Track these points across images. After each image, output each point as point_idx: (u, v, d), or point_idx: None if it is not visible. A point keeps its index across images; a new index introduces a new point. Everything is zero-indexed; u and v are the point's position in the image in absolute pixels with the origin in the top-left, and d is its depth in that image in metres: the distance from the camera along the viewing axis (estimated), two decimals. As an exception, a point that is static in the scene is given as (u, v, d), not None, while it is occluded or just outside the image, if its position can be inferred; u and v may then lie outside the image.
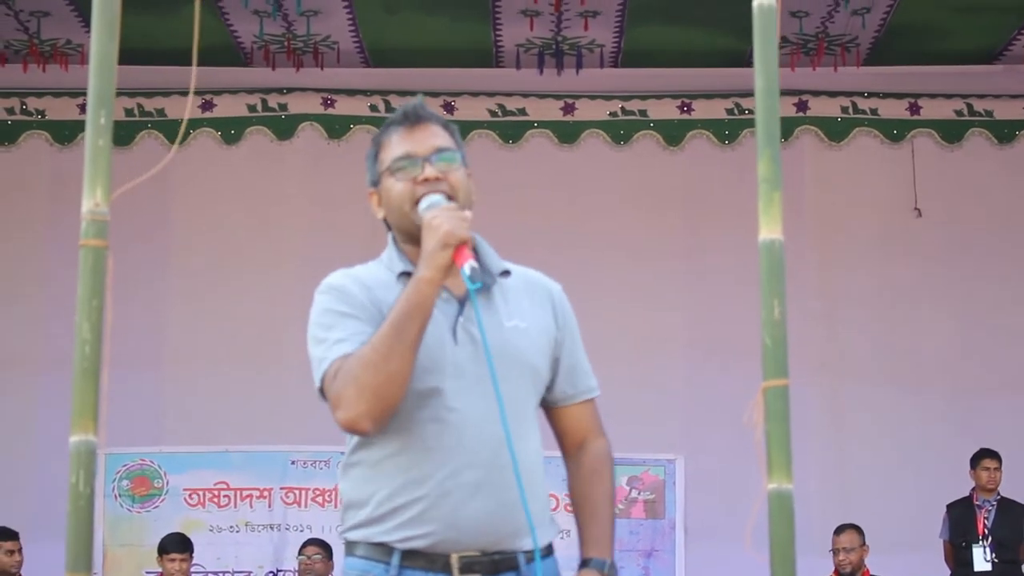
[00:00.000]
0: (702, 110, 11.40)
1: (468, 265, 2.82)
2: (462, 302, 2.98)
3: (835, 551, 9.33)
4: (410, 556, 2.93)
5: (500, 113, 11.34)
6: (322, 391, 2.95)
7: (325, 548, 9.30)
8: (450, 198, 2.97)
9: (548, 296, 3.16)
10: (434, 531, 2.91)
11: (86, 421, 2.24)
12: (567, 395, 3.15)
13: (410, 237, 3.03)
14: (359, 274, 3.09)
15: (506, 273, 3.10)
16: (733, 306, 10.58)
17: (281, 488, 10.09)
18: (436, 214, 2.87)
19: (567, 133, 11.40)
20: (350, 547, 3.03)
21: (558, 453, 3.20)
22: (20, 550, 9.30)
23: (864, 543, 9.34)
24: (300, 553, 9.37)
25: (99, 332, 2.26)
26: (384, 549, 2.95)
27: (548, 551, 3.06)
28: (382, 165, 3.08)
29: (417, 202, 2.98)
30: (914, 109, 11.42)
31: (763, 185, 2.42)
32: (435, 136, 3.06)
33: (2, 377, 11.00)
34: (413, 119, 3.07)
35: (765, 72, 2.44)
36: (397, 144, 3.06)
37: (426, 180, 2.99)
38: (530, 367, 3.03)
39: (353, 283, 3.05)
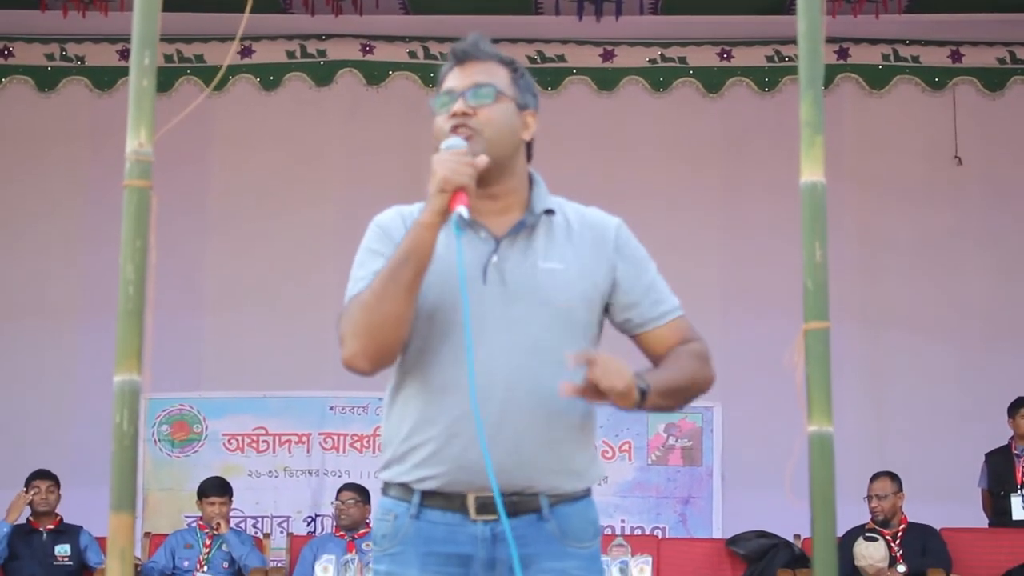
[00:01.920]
0: (742, 57, 11.32)
1: (457, 211, 2.81)
2: (499, 242, 2.97)
3: (869, 498, 9.31)
4: (429, 496, 2.96)
5: (539, 59, 11.27)
6: None
7: (361, 493, 9.32)
8: (468, 138, 2.93)
9: (604, 236, 3.09)
10: (446, 471, 2.92)
11: (130, 361, 2.25)
12: (647, 319, 3.09)
13: None
14: (410, 211, 3.07)
15: (550, 212, 3.06)
16: (770, 253, 10.56)
17: (319, 434, 10.14)
18: (441, 158, 2.86)
19: (606, 80, 11.34)
20: (384, 488, 3.07)
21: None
22: (55, 490, 9.37)
23: (900, 490, 9.30)
24: (336, 498, 9.40)
25: (143, 273, 2.27)
26: (406, 489, 2.98)
27: (583, 495, 3.05)
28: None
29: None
30: (956, 57, 11.31)
31: (805, 128, 2.41)
32: (479, 73, 3.03)
33: (42, 323, 11.05)
34: (461, 57, 3.06)
35: (808, 13, 2.42)
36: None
37: (453, 115, 2.98)
38: (562, 310, 2.98)
39: (396, 220, 3.06)
